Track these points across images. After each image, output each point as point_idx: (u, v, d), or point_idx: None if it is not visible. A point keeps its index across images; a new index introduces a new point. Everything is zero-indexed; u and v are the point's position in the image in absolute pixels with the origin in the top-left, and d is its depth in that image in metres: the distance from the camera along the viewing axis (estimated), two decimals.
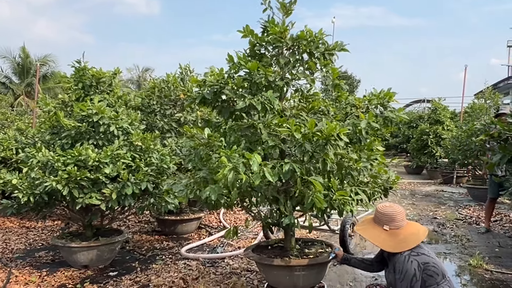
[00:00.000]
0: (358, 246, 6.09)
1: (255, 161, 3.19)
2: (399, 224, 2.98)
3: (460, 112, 16.63)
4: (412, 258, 2.80)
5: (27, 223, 7.68)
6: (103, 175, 4.75)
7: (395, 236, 2.93)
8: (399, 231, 2.96)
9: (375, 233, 3.01)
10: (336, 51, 4.06)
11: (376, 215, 3.07)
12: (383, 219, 3.00)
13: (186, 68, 7.47)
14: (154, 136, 5.36)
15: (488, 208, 7.12)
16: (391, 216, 2.98)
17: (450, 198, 11.01)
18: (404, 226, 2.99)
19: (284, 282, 3.94)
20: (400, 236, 2.92)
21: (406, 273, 2.78)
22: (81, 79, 5.50)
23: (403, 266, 2.80)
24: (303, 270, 3.88)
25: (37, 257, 5.66)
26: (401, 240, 2.90)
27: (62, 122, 5.04)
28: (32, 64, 27.92)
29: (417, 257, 2.81)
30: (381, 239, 2.95)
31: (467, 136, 10.31)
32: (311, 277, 3.98)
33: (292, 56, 4.03)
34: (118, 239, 5.30)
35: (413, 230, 3.00)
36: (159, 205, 5.24)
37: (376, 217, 3.06)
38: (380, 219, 3.02)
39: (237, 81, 3.86)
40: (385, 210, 3.02)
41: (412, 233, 2.95)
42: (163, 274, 4.93)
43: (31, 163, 4.75)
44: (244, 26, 3.99)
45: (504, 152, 4.45)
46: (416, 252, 2.84)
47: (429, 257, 2.83)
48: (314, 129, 3.34)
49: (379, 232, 3.00)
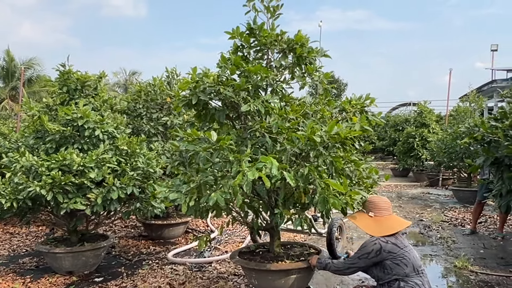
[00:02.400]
0: (345, 248, 6.10)
1: (274, 165, 3.17)
2: (383, 213, 3.23)
3: (446, 115, 16.83)
4: (378, 241, 3.03)
5: (11, 228, 7.56)
6: (88, 180, 4.70)
7: (378, 223, 3.18)
8: (383, 218, 3.21)
9: (361, 218, 3.29)
10: (319, 56, 4.08)
11: (365, 204, 3.36)
12: (369, 206, 3.29)
13: (173, 72, 7.44)
14: (140, 140, 5.32)
15: (475, 210, 7.20)
16: (376, 204, 3.27)
17: (436, 200, 11.12)
18: (388, 216, 3.24)
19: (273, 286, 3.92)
20: (383, 223, 3.16)
21: (363, 248, 3.08)
22: (65, 83, 5.44)
23: (366, 243, 3.09)
24: (293, 273, 3.87)
25: (21, 263, 5.57)
26: (383, 227, 3.13)
27: (47, 126, 4.98)
28: (17, 68, 27.56)
29: (384, 243, 3.01)
30: (365, 223, 3.22)
31: (452, 139, 10.47)
32: (300, 280, 3.97)
33: (284, 59, 4.04)
34: (103, 244, 5.23)
35: (396, 220, 3.26)
36: (145, 210, 5.20)
37: (364, 205, 3.36)
38: (367, 207, 3.31)
39: (241, 82, 3.71)
40: (372, 199, 3.33)
41: (394, 222, 3.19)
42: (149, 279, 4.89)
43: (15, 168, 4.67)
44: (234, 28, 3.98)
45: (487, 154, 4.51)
46: (387, 240, 3.03)
47: (399, 248, 3.01)
48: (332, 131, 3.35)
49: (365, 217, 3.27)
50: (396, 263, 2.98)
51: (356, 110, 4.13)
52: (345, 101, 4.24)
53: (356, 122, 3.74)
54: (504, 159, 4.33)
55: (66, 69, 5.47)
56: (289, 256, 4.18)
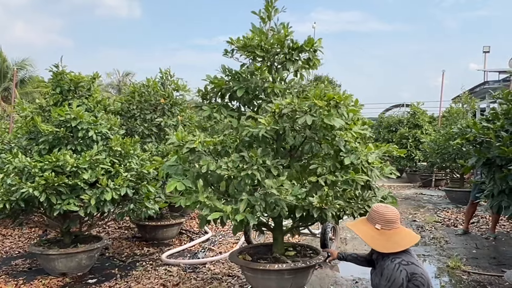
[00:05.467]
0: (339, 249, 6.12)
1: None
2: (391, 225, 2.89)
3: (439, 116, 16.93)
4: (402, 267, 2.73)
5: (3, 230, 7.50)
6: (82, 181, 4.68)
7: (385, 236, 2.85)
8: (390, 232, 2.87)
9: (366, 230, 2.94)
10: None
11: (370, 213, 3.02)
12: (376, 217, 2.92)
13: (167, 73, 7.43)
14: (134, 141, 5.31)
15: (468, 211, 7.25)
16: (384, 216, 2.90)
17: (429, 201, 11.18)
18: (396, 228, 2.90)
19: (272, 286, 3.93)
20: (391, 237, 2.85)
21: (394, 281, 2.71)
22: (59, 84, 5.42)
23: (392, 274, 2.73)
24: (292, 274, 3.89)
25: (14, 265, 5.54)
26: (391, 241, 2.83)
27: (40, 127, 4.96)
28: (10, 69, 27.31)
29: (406, 266, 2.74)
30: (371, 236, 2.89)
31: (445, 140, 10.52)
32: (298, 280, 3.98)
33: (291, 63, 4.13)
34: (97, 246, 5.21)
35: (405, 234, 2.92)
36: (139, 211, 5.19)
37: (370, 215, 3.00)
38: (373, 218, 2.94)
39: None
40: (379, 209, 2.94)
41: (403, 237, 2.88)
42: (143, 281, 4.88)
43: (7, 169, 4.64)
44: (251, 28, 4.09)
45: (479, 155, 4.54)
46: (407, 261, 2.76)
47: (418, 267, 2.76)
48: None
49: (370, 229, 2.92)
50: (417, 284, 2.70)
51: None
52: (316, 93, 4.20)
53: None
54: (496, 160, 4.35)
55: (60, 70, 5.46)
56: (288, 257, 4.17)
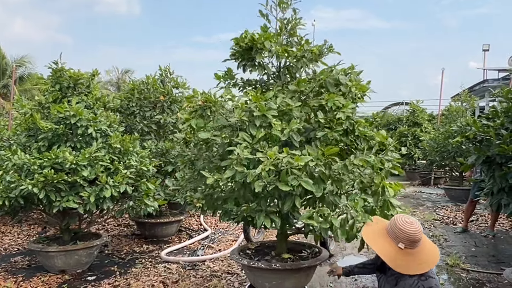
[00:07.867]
0: (338, 246, 6.13)
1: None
2: (416, 245, 2.57)
3: (438, 115, 16.93)
4: (420, 283, 2.54)
5: (3, 227, 7.49)
6: (81, 178, 4.68)
7: (409, 256, 2.55)
8: (414, 250, 2.56)
9: (387, 248, 2.60)
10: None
11: (392, 228, 2.61)
12: (400, 236, 2.55)
13: (166, 70, 7.41)
14: (133, 138, 5.31)
15: (467, 209, 7.26)
16: (409, 236, 2.52)
17: (428, 199, 11.20)
18: (420, 246, 2.59)
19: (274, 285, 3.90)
20: (415, 257, 2.56)
21: None
22: (58, 81, 5.40)
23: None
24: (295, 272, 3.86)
25: (13, 262, 5.53)
26: (416, 262, 2.56)
27: (39, 124, 4.95)
28: (8, 65, 27.25)
29: (425, 282, 2.55)
30: (393, 257, 2.56)
31: (444, 138, 10.53)
32: (302, 279, 3.97)
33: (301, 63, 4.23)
34: (96, 243, 5.21)
35: (428, 249, 2.62)
36: (138, 208, 5.19)
37: (392, 231, 2.61)
38: (397, 236, 2.56)
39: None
40: (406, 228, 2.54)
41: (427, 253, 2.60)
42: (142, 278, 4.88)
43: (7, 166, 4.64)
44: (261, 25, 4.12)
45: (479, 153, 4.54)
46: (425, 276, 2.55)
47: (434, 279, 2.59)
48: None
49: (392, 247, 2.58)
50: None
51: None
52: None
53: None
54: (496, 158, 4.36)
55: (59, 67, 5.44)
56: (291, 255, 4.15)
